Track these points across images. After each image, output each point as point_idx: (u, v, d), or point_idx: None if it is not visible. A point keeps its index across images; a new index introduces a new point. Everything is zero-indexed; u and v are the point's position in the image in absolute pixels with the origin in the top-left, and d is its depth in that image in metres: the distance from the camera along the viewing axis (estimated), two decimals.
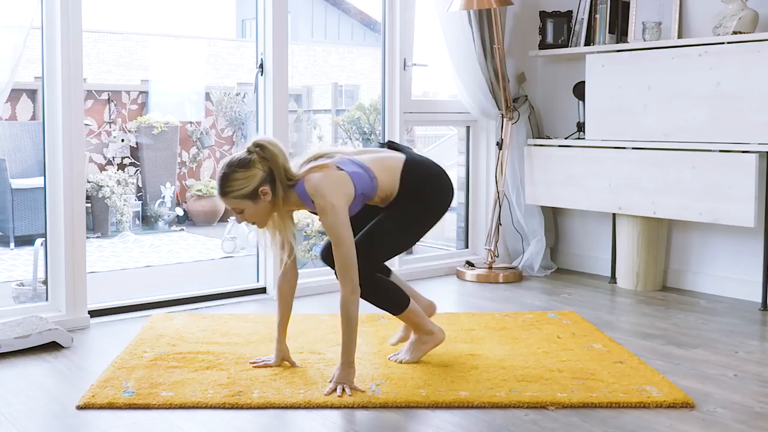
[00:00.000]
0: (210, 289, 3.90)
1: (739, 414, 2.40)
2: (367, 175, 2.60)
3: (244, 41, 11.72)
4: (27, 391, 2.59)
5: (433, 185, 2.73)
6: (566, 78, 4.63)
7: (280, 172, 2.52)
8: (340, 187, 2.52)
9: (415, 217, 2.70)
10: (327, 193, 2.49)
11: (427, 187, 2.71)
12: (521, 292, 4.11)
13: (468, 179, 4.78)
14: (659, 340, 3.20)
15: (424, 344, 2.84)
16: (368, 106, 7.12)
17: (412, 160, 2.72)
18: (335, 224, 2.48)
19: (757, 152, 3.55)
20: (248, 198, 2.52)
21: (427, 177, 2.72)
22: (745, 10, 3.68)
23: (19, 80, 5.73)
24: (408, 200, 2.67)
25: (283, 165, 2.54)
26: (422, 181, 2.70)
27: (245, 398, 2.46)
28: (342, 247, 2.49)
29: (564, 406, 2.43)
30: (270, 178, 2.52)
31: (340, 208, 2.49)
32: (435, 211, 2.76)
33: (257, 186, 2.51)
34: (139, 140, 7.40)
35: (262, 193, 2.51)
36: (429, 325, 2.84)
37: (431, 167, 2.76)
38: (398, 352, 2.87)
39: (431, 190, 2.72)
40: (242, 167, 2.51)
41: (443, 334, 2.88)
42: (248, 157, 2.53)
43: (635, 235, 4.10)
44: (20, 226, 6.01)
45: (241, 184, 2.50)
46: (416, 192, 2.67)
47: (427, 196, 2.70)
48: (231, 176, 2.51)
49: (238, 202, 2.53)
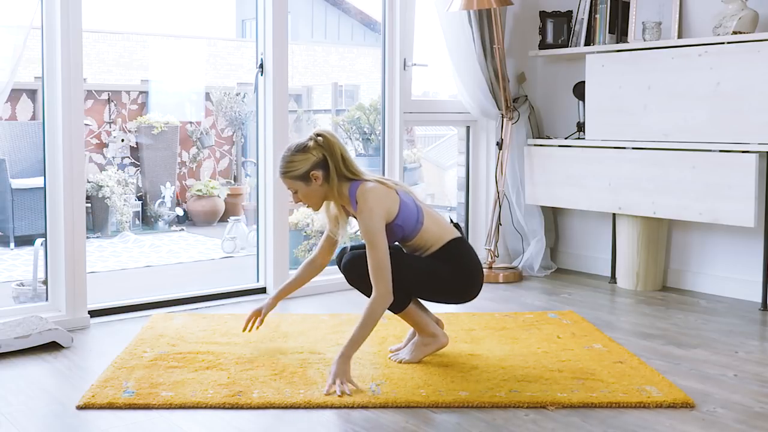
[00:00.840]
0: (210, 289, 3.90)
1: (739, 414, 2.40)
2: (417, 215, 2.74)
3: (244, 41, 11.72)
4: (27, 391, 2.59)
5: (468, 268, 2.79)
6: (566, 78, 4.63)
7: (337, 160, 2.69)
8: (385, 201, 2.68)
9: (439, 270, 2.75)
10: (371, 198, 2.65)
11: (462, 265, 2.78)
12: (521, 292, 4.11)
13: (468, 179, 4.78)
14: (659, 340, 3.20)
15: (426, 346, 2.84)
16: (368, 106, 7.13)
17: (464, 240, 2.84)
18: (370, 228, 2.62)
19: (757, 152, 3.55)
20: (300, 179, 2.69)
21: (467, 260, 2.80)
22: (745, 10, 3.68)
23: (19, 80, 5.74)
24: (440, 258, 2.76)
25: (341, 155, 2.71)
26: (462, 255, 2.79)
27: (245, 398, 2.46)
28: (375, 251, 2.60)
29: (564, 406, 2.43)
30: (324, 164, 2.69)
31: (377, 216, 2.63)
32: (456, 286, 2.78)
33: (309, 169, 2.68)
34: (139, 140, 7.39)
35: (313, 177, 2.68)
36: (432, 327, 2.84)
37: (475, 257, 2.84)
38: (399, 352, 2.87)
39: (464, 269, 2.78)
40: (299, 151, 2.70)
41: (446, 338, 2.88)
42: (307, 142, 2.71)
43: (635, 235, 4.10)
44: (20, 226, 6.01)
45: (294, 166, 2.69)
46: (451, 258, 2.76)
47: (459, 265, 2.77)
48: (288, 158, 2.71)
49: (291, 183, 2.72)
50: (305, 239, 5.18)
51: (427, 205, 2.88)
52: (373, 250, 2.60)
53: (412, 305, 2.80)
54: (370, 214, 2.62)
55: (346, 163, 2.71)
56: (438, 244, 2.76)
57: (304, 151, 2.69)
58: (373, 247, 2.60)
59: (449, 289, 2.79)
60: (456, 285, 2.78)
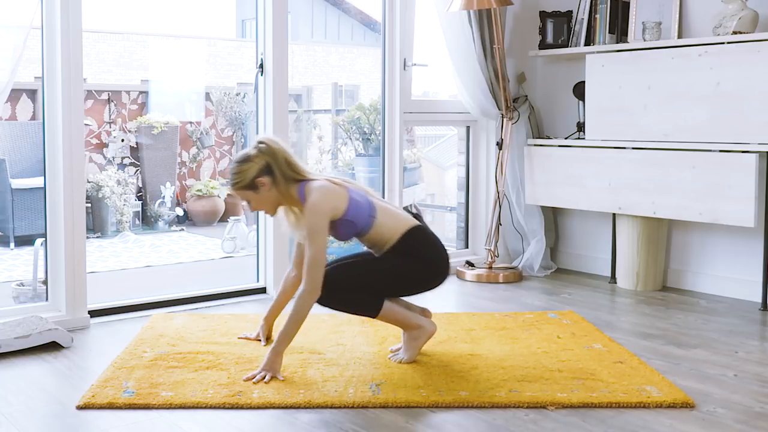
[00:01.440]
0: (210, 289, 3.90)
1: (739, 414, 2.40)
2: (368, 210, 2.76)
3: (244, 41, 11.72)
4: (27, 391, 2.59)
5: (431, 255, 2.83)
6: (566, 78, 4.63)
7: (281, 164, 2.73)
8: (331, 199, 2.71)
9: (401, 267, 2.78)
10: (316, 196, 2.68)
11: (425, 253, 2.81)
12: (521, 292, 4.11)
13: (468, 179, 4.78)
14: (659, 340, 3.20)
15: (416, 339, 2.84)
16: (368, 106, 7.13)
17: (423, 228, 2.85)
18: (311, 225, 2.66)
19: (757, 152, 3.55)
20: (248, 188, 2.74)
21: (429, 247, 2.83)
22: (745, 10, 3.68)
23: (19, 80, 5.74)
24: (400, 254, 2.78)
25: (284, 158, 2.74)
26: (422, 246, 2.81)
27: (245, 398, 2.46)
28: (312, 247, 2.64)
29: (564, 406, 2.43)
30: (268, 170, 2.72)
31: (322, 213, 2.67)
32: (423, 276, 2.81)
33: (254, 176, 2.72)
34: (139, 140, 7.39)
35: (259, 184, 2.73)
36: (415, 319, 2.84)
37: (437, 242, 2.87)
38: (397, 353, 2.87)
39: (427, 257, 2.81)
40: (242, 161, 2.75)
41: (433, 325, 2.88)
42: (249, 152, 2.77)
43: (635, 235, 4.10)
44: (20, 226, 6.01)
45: (239, 177, 2.74)
46: (410, 250, 2.78)
47: (422, 260, 2.79)
48: (233, 170, 2.77)
49: (241, 193, 2.77)
50: None
51: (384, 201, 2.94)
52: (311, 246, 2.64)
53: (387, 305, 2.79)
54: (314, 211, 2.66)
55: (291, 166, 2.74)
56: (395, 236, 2.78)
57: (247, 160, 2.74)
58: (311, 243, 2.64)
59: (416, 283, 2.83)
60: (421, 276, 2.81)
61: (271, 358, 2.65)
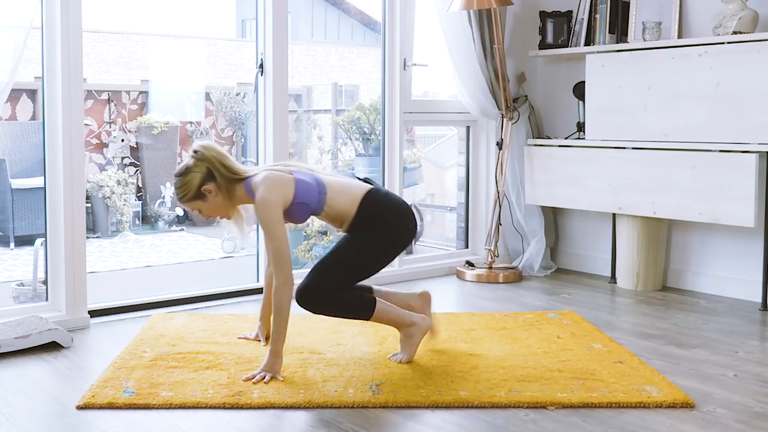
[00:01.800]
0: (210, 289, 3.90)
1: (739, 414, 2.40)
2: (317, 188, 2.76)
3: (244, 41, 11.72)
4: (27, 391, 2.59)
5: (392, 213, 2.83)
6: (566, 78, 4.63)
7: (219, 169, 2.72)
8: (277, 187, 2.70)
9: (370, 242, 2.79)
10: (263, 189, 2.67)
11: (386, 214, 2.81)
12: (521, 292, 4.11)
13: (468, 179, 4.78)
14: (659, 340, 3.20)
15: (412, 337, 2.84)
16: (368, 106, 7.12)
17: (376, 190, 2.85)
18: (265, 218, 2.65)
19: (757, 152, 3.55)
20: (197, 198, 2.75)
21: (388, 206, 2.84)
22: (745, 10, 3.68)
23: (19, 80, 5.74)
24: (365, 225, 2.79)
25: (221, 162, 2.73)
26: (381, 208, 2.82)
27: (245, 398, 2.46)
28: (273, 241, 2.65)
29: (564, 406, 2.43)
30: (211, 176, 2.73)
31: (273, 204, 2.66)
32: (393, 238, 2.82)
33: (199, 185, 2.72)
34: (139, 140, 7.39)
35: (206, 191, 2.73)
36: (407, 317, 2.84)
37: (394, 198, 2.89)
38: (396, 353, 2.87)
39: (390, 217, 2.82)
40: (183, 174, 2.75)
41: (427, 321, 2.88)
42: (187, 163, 2.76)
43: (635, 235, 4.10)
44: (20, 226, 6.01)
45: (185, 189, 2.74)
46: (374, 217, 2.79)
47: (386, 222, 2.80)
48: (177, 184, 2.76)
49: (191, 204, 2.77)
50: (305, 239, 5.18)
51: (333, 175, 2.91)
52: (270, 239, 2.65)
53: (380, 306, 2.79)
54: (265, 204, 2.65)
55: (228, 168, 2.74)
56: (353, 208, 2.77)
57: (188, 171, 2.73)
58: (270, 237, 2.65)
59: (391, 248, 2.82)
60: (392, 239, 2.81)
61: (270, 360, 2.65)
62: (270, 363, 2.64)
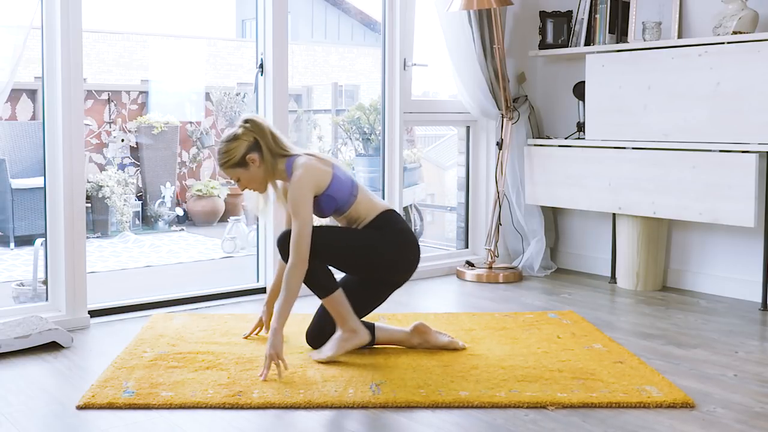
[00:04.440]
0: (210, 289, 3.90)
1: (739, 414, 2.40)
2: (350, 189, 2.84)
3: (244, 41, 11.72)
4: (27, 391, 2.59)
5: (401, 234, 2.89)
6: (566, 78, 4.63)
7: (268, 140, 2.80)
8: (316, 174, 2.77)
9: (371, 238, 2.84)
10: (301, 170, 2.74)
11: (395, 232, 2.87)
12: (521, 292, 4.11)
13: (468, 179, 4.78)
14: (659, 340, 3.20)
15: (346, 342, 2.82)
16: (368, 106, 7.12)
17: (397, 213, 2.94)
18: (295, 198, 2.72)
19: (757, 152, 3.55)
20: (239, 166, 2.81)
21: (400, 228, 2.90)
22: (745, 10, 3.68)
23: (19, 80, 5.74)
24: (372, 226, 2.86)
25: (270, 134, 2.82)
26: (395, 225, 2.88)
27: (245, 398, 2.46)
28: (297, 219, 2.70)
29: (564, 406, 2.43)
30: (257, 146, 2.80)
31: (306, 188, 2.73)
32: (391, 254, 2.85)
33: (245, 153, 2.79)
34: (139, 140, 7.39)
35: (250, 160, 2.80)
36: (353, 323, 2.83)
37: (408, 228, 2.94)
38: (320, 350, 2.86)
39: (396, 237, 2.87)
40: (230, 140, 2.81)
41: (368, 336, 2.85)
42: (236, 130, 2.83)
43: (635, 235, 4.10)
44: (20, 226, 6.01)
45: (229, 155, 2.80)
46: (384, 225, 2.85)
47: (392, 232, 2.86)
48: (222, 149, 2.82)
49: (232, 171, 2.83)
50: None
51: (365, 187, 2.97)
52: (296, 219, 2.70)
53: (338, 294, 2.80)
54: (299, 185, 2.72)
55: (277, 141, 2.82)
56: (371, 215, 2.86)
57: (235, 138, 2.80)
58: (296, 216, 2.70)
59: (384, 262, 2.84)
60: (390, 255, 2.84)
61: (271, 339, 2.66)
62: (272, 342, 2.65)
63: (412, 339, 2.97)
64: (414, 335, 2.97)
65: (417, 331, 2.97)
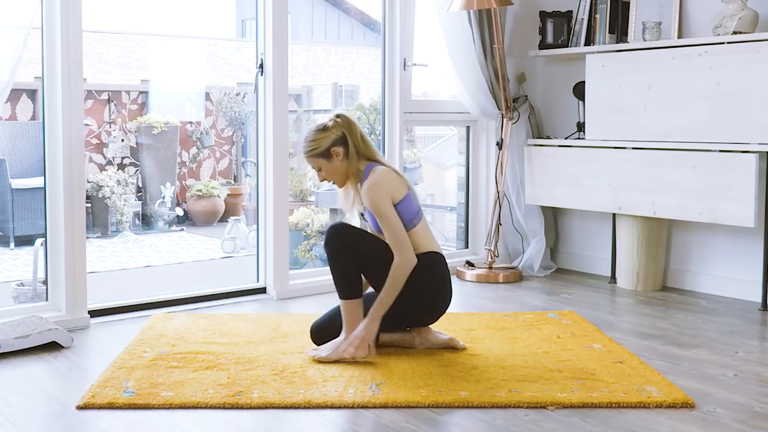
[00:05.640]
0: (210, 289, 3.90)
1: (739, 414, 2.40)
2: (415, 215, 2.86)
3: (244, 41, 11.72)
4: (27, 391, 2.59)
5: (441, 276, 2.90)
6: (566, 78, 4.63)
7: (356, 138, 2.85)
8: (391, 183, 2.81)
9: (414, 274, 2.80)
10: (377, 176, 2.80)
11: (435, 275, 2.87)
12: (521, 292, 4.11)
13: (468, 179, 4.78)
14: (659, 340, 3.20)
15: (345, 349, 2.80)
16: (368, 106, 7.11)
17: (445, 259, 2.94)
18: (376, 202, 2.76)
19: (757, 152, 3.55)
20: (322, 156, 2.85)
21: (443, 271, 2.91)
22: (745, 10, 3.68)
23: (19, 80, 5.74)
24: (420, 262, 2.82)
25: (359, 134, 2.87)
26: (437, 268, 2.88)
27: (245, 398, 2.46)
28: (386, 220, 2.76)
29: (564, 406, 2.43)
30: (344, 141, 2.84)
31: (382, 192, 2.77)
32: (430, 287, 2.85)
33: (330, 145, 2.84)
34: (139, 140, 7.40)
35: (334, 153, 2.84)
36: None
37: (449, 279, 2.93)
38: (318, 349, 2.87)
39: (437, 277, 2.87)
40: (320, 130, 2.87)
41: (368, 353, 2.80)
42: (326, 122, 2.88)
43: (635, 235, 4.10)
44: (20, 226, 6.01)
45: (316, 144, 2.85)
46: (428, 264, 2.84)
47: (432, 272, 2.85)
48: (309, 137, 2.88)
49: (314, 161, 2.88)
50: (305, 239, 5.19)
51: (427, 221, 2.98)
52: (384, 220, 2.75)
53: (357, 302, 2.80)
54: (375, 189, 2.76)
55: (365, 143, 2.87)
56: (422, 249, 2.84)
57: (324, 129, 2.85)
58: (383, 218, 2.75)
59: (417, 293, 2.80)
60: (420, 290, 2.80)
61: (368, 324, 2.72)
62: (367, 329, 2.71)
63: (413, 339, 2.97)
64: (415, 335, 2.98)
65: (418, 332, 2.98)
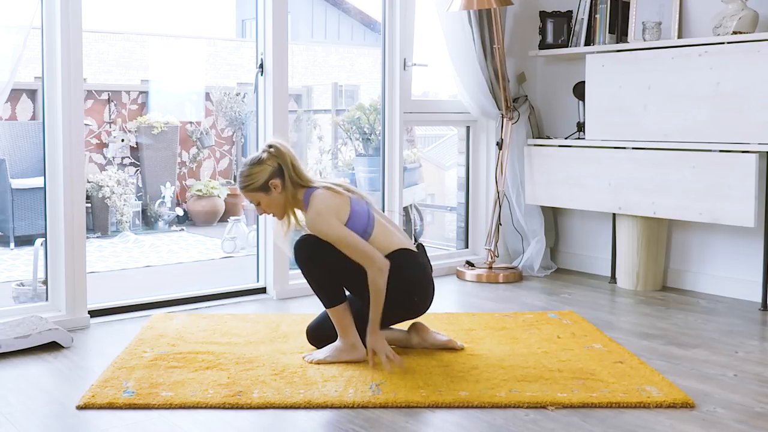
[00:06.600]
0: (210, 289, 3.90)
1: (739, 414, 2.40)
2: (365, 226, 2.80)
3: (244, 41, 11.72)
4: (27, 391, 2.59)
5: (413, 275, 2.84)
6: (566, 78, 4.63)
7: (289, 169, 2.81)
8: (332, 205, 2.77)
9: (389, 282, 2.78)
10: (318, 203, 2.76)
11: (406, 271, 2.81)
12: (521, 292, 4.11)
13: (468, 179, 4.78)
14: (659, 340, 3.20)
15: (342, 353, 2.81)
16: (368, 106, 7.12)
17: (412, 251, 2.88)
18: (324, 229, 2.73)
19: (757, 152, 3.55)
20: (261, 190, 2.81)
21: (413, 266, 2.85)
22: (745, 10, 3.68)
23: (19, 80, 5.74)
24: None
25: (291, 163, 2.82)
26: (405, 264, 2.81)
27: (245, 398, 2.46)
28: (345, 243, 2.72)
29: (564, 406, 2.43)
30: (280, 173, 2.81)
31: (326, 216, 2.73)
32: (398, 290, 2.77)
33: (268, 178, 2.80)
34: (139, 140, 7.39)
35: (272, 186, 2.80)
36: (353, 337, 2.82)
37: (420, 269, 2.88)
38: (313, 353, 2.86)
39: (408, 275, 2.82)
40: (255, 164, 2.82)
41: (363, 354, 2.81)
42: (261, 155, 2.84)
43: (635, 235, 4.10)
44: (20, 226, 6.01)
45: (253, 179, 2.81)
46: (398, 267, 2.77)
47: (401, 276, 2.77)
48: (245, 172, 2.83)
49: (253, 195, 2.83)
50: None
51: (385, 217, 2.94)
52: (341, 242, 2.71)
53: (343, 307, 2.79)
54: (319, 219, 2.73)
55: (297, 171, 2.82)
56: (384, 252, 2.78)
57: (260, 162, 2.81)
58: (339, 241, 2.72)
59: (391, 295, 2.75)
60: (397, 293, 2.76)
61: (377, 341, 2.72)
62: (379, 344, 2.72)
63: (410, 339, 2.97)
64: (413, 335, 2.98)
65: (415, 331, 2.98)
